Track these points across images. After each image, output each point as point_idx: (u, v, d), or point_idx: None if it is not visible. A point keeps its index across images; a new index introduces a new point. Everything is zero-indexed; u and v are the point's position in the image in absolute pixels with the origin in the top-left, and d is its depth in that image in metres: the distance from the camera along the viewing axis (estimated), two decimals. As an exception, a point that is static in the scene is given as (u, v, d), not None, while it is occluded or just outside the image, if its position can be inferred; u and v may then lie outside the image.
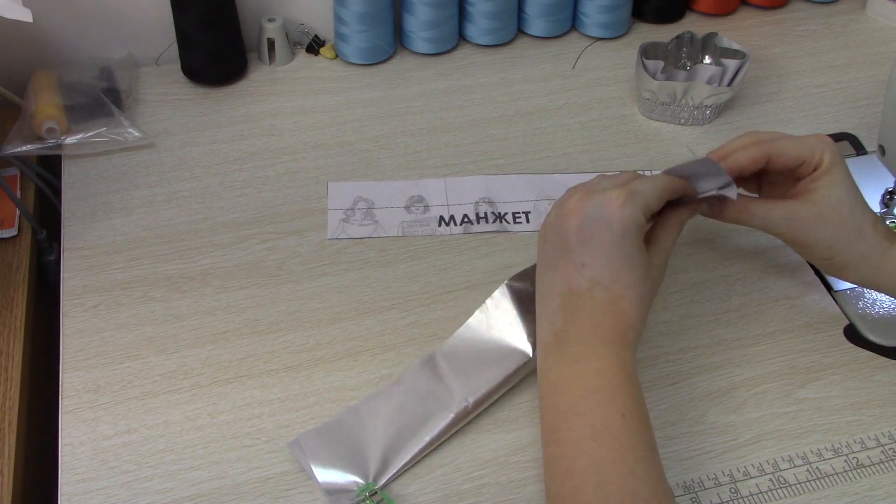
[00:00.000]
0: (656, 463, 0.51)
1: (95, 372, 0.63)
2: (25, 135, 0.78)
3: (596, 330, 0.54)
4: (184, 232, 0.74)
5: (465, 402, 0.59)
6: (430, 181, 0.79)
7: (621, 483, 0.49)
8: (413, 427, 0.58)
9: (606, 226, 0.54)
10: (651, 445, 0.51)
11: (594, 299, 0.54)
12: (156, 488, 0.56)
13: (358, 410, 0.59)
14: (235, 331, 0.66)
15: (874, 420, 0.61)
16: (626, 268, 0.54)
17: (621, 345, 0.54)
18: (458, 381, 0.60)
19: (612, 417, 0.51)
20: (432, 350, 0.63)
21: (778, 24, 1.02)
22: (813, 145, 0.60)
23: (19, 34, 0.86)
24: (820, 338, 0.67)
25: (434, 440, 0.58)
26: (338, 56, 0.94)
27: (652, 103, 0.86)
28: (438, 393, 0.60)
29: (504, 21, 0.95)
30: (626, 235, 0.54)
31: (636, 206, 0.55)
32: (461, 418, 0.59)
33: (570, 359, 0.54)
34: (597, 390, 0.52)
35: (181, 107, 0.87)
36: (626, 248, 0.54)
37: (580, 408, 0.52)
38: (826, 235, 0.60)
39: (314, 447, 0.57)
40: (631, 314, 0.54)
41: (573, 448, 0.51)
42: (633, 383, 0.53)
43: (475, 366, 0.61)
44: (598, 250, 0.54)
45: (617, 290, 0.54)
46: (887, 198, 0.74)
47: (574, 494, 0.50)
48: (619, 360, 0.53)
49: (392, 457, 0.57)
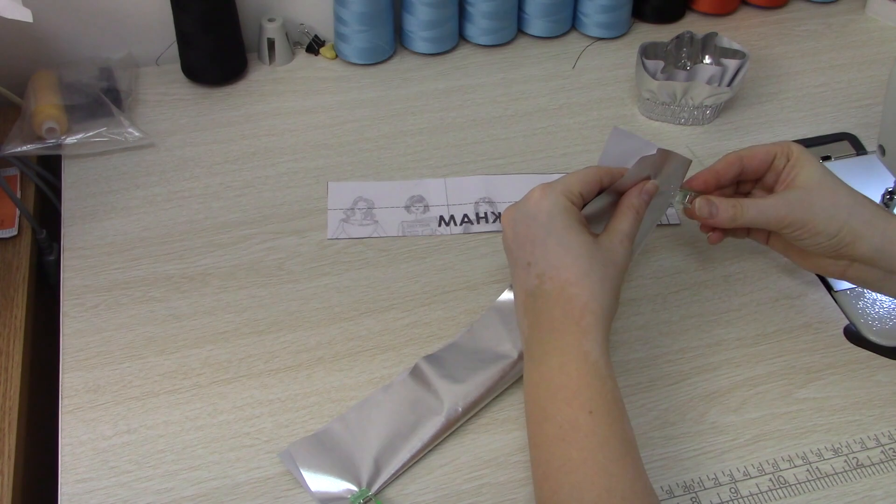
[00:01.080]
0: (633, 459, 0.50)
1: (95, 372, 0.63)
2: (25, 135, 0.78)
3: (552, 323, 0.54)
4: (184, 232, 0.74)
5: (455, 408, 0.59)
6: (430, 181, 0.79)
7: (594, 482, 0.48)
8: (404, 433, 0.58)
9: (533, 220, 0.57)
10: (625, 441, 0.51)
11: (545, 293, 0.55)
12: (156, 488, 0.56)
13: (347, 419, 0.59)
14: (235, 331, 0.66)
15: (874, 420, 0.61)
16: (565, 253, 0.55)
17: (579, 331, 0.53)
18: (447, 387, 0.60)
19: (579, 416, 0.51)
20: (416, 361, 0.62)
21: (778, 24, 1.02)
22: (777, 143, 0.63)
23: (19, 34, 0.86)
24: (820, 338, 0.67)
25: (425, 445, 0.58)
26: (338, 56, 0.94)
27: (652, 103, 0.86)
28: (428, 399, 0.60)
29: (504, 21, 0.95)
30: (553, 221, 0.56)
31: (555, 192, 0.57)
32: (451, 424, 0.59)
33: (535, 360, 0.55)
34: (561, 388, 0.52)
35: (181, 107, 0.87)
36: (559, 235, 0.55)
37: (548, 409, 0.52)
38: (825, 206, 0.59)
39: (305, 456, 0.57)
40: (583, 296, 0.54)
41: (546, 451, 0.51)
42: (600, 375, 0.52)
43: (463, 372, 0.61)
44: (535, 245, 0.56)
45: (562, 276, 0.55)
46: (887, 198, 0.74)
47: (552, 497, 0.50)
48: (579, 352, 0.53)
49: (384, 463, 0.57)
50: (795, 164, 0.61)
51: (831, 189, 0.60)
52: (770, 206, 0.60)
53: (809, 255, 0.63)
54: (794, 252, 0.65)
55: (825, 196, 0.60)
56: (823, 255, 0.62)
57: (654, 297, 0.69)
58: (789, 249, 0.65)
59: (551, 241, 0.56)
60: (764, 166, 0.63)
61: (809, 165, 0.61)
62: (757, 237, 0.67)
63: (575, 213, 0.57)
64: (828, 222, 0.59)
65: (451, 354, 0.62)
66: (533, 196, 0.57)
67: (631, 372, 0.64)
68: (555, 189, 0.57)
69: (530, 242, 0.57)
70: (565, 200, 0.57)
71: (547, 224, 0.56)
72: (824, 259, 0.63)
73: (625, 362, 0.64)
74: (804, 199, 0.60)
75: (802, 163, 0.61)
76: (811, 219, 0.59)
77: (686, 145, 0.84)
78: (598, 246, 0.56)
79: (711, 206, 0.61)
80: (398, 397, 0.60)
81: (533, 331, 0.56)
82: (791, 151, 0.62)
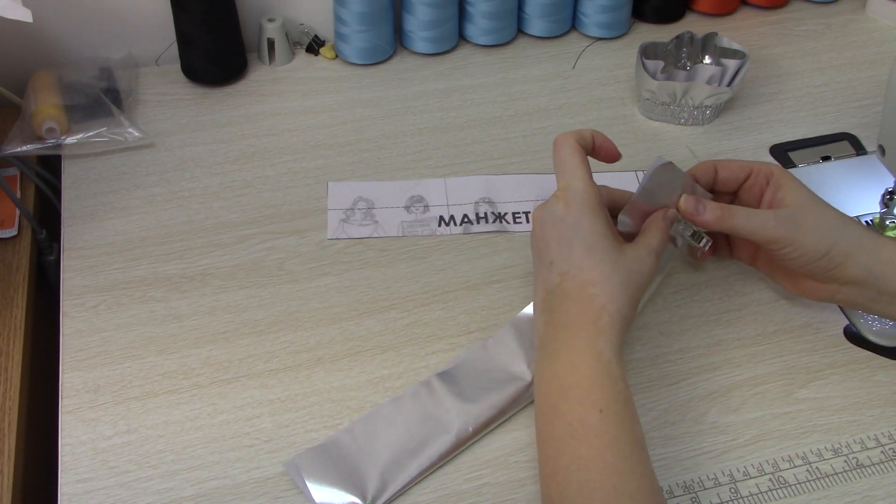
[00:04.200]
0: (642, 459, 0.50)
1: (95, 372, 0.63)
2: (25, 135, 0.78)
3: (568, 320, 0.55)
4: (184, 232, 0.74)
5: (466, 428, 0.58)
6: (430, 181, 0.79)
7: (603, 480, 0.49)
8: (412, 449, 0.57)
9: (561, 221, 0.57)
10: (634, 441, 0.51)
11: (565, 291, 0.56)
12: (156, 488, 0.56)
13: (354, 430, 0.59)
14: (235, 331, 0.66)
15: (874, 420, 0.61)
16: (589, 255, 0.56)
17: (594, 331, 0.53)
18: (459, 406, 0.59)
19: (590, 414, 0.51)
20: (428, 377, 0.62)
21: (778, 24, 1.02)
22: (758, 162, 0.64)
23: (19, 34, 0.86)
24: (820, 338, 0.67)
25: (433, 463, 0.57)
26: (338, 56, 0.94)
27: (652, 103, 0.86)
28: (438, 416, 0.59)
29: (504, 21, 0.95)
30: (581, 223, 0.56)
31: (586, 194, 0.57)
32: (461, 443, 0.58)
33: (549, 357, 0.55)
34: (574, 386, 0.52)
35: (181, 107, 0.87)
36: (585, 237, 0.56)
37: (560, 406, 0.52)
38: (814, 226, 0.59)
39: (311, 466, 0.56)
40: (601, 297, 0.54)
41: (555, 448, 0.51)
42: (611, 375, 0.52)
43: (475, 391, 0.60)
44: (560, 245, 0.57)
45: (584, 276, 0.55)
46: (887, 198, 0.74)
47: (560, 494, 0.50)
48: (593, 352, 0.53)
49: (390, 478, 0.56)
50: (780, 186, 0.61)
51: (819, 209, 0.60)
52: (759, 216, 0.59)
53: (796, 277, 0.63)
54: (780, 273, 0.65)
55: (814, 215, 0.59)
56: (811, 276, 0.61)
57: (654, 297, 0.69)
58: (776, 271, 0.65)
59: (577, 243, 0.56)
60: (737, 180, 0.63)
61: (794, 187, 0.61)
62: (741, 255, 0.67)
63: (603, 216, 0.57)
64: (817, 241, 0.58)
65: (463, 372, 0.62)
66: (557, 201, 0.58)
67: (631, 372, 0.64)
68: (576, 195, 0.57)
69: (556, 242, 0.57)
70: (594, 203, 0.57)
71: (574, 225, 0.57)
72: (812, 282, 0.62)
73: (625, 362, 0.64)
74: (793, 216, 0.59)
75: (786, 185, 0.61)
76: (800, 237, 0.58)
77: (686, 145, 0.84)
78: (624, 253, 0.56)
79: (699, 203, 0.60)
80: (408, 412, 0.59)
81: (548, 328, 0.56)
82: (772, 173, 0.62)
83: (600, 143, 0.62)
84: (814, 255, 0.59)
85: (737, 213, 0.60)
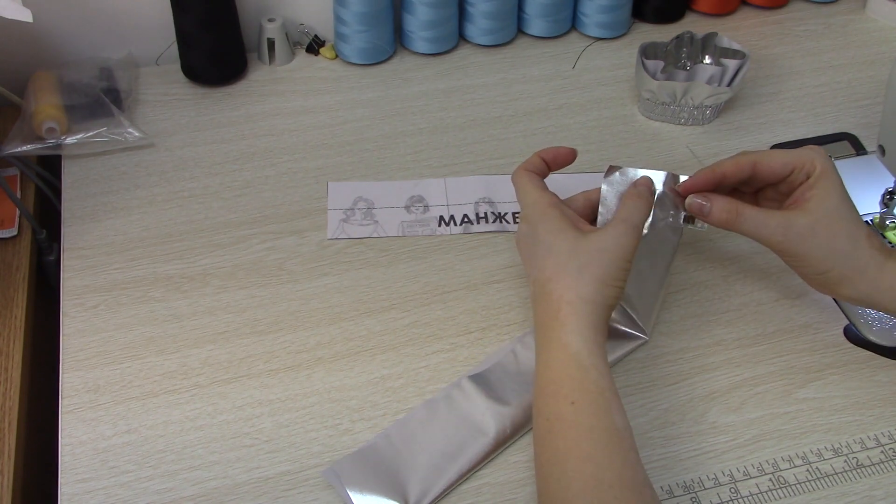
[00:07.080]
0: (621, 449, 0.50)
1: (95, 372, 0.63)
2: (25, 135, 0.78)
3: (539, 321, 0.57)
4: (184, 232, 0.74)
5: (504, 429, 0.58)
6: (430, 181, 0.79)
7: (579, 470, 0.49)
8: (451, 453, 0.57)
9: (526, 237, 0.61)
10: (611, 430, 0.51)
11: (534, 295, 0.59)
12: (156, 488, 0.56)
13: (390, 435, 0.58)
14: (235, 331, 0.66)
15: (874, 420, 0.61)
16: (547, 254, 0.58)
17: (557, 325, 0.55)
18: (493, 408, 0.59)
19: (563, 407, 0.52)
20: (458, 378, 0.62)
21: (778, 24, 1.02)
22: (802, 153, 0.60)
23: (19, 34, 0.86)
24: (820, 338, 0.67)
25: (473, 466, 0.57)
26: (338, 56, 0.94)
27: (652, 103, 0.86)
28: (474, 418, 0.59)
29: (504, 21, 0.95)
30: (537, 230, 0.59)
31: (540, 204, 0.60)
32: (499, 444, 0.58)
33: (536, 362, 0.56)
34: (548, 383, 0.54)
35: (181, 107, 0.87)
36: (543, 240, 0.58)
37: (539, 405, 0.54)
38: (822, 246, 0.58)
39: (350, 473, 0.56)
40: (558, 289, 0.56)
41: (539, 446, 0.53)
42: (581, 366, 0.53)
43: (509, 394, 0.60)
44: (532, 257, 0.60)
45: (543, 275, 0.57)
46: (887, 198, 0.74)
47: (544, 489, 0.51)
48: (559, 345, 0.54)
49: (431, 483, 0.56)
50: (813, 185, 0.59)
51: (834, 227, 0.58)
52: (767, 226, 0.58)
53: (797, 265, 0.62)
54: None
55: (826, 233, 0.58)
56: (810, 283, 0.62)
57: (654, 297, 0.69)
58: None
59: (539, 248, 0.59)
60: (778, 177, 0.60)
61: (826, 193, 0.58)
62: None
63: (555, 216, 0.59)
64: (819, 260, 0.58)
65: (495, 376, 0.62)
66: (523, 216, 0.62)
67: (631, 372, 0.64)
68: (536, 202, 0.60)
69: (529, 256, 0.60)
70: (545, 207, 0.60)
71: (533, 235, 0.60)
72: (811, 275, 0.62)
73: (625, 362, 0.64)
74: (805, 231, 0.58)
75: (819, 189, 0.58)
76: (806, 251, 0.58)
77: (686, 145, 0.84)
78: (585, 238, 0.57)
79: (705, 203, 0.60)
80: (443, 415, 0.59)
81: (535, 335, 0.58)
82: (814, 167, 0.59)
83: (549, 156, 0.64)
84: (813, 270, 0.59)
85: (747, 218, 0.59)
